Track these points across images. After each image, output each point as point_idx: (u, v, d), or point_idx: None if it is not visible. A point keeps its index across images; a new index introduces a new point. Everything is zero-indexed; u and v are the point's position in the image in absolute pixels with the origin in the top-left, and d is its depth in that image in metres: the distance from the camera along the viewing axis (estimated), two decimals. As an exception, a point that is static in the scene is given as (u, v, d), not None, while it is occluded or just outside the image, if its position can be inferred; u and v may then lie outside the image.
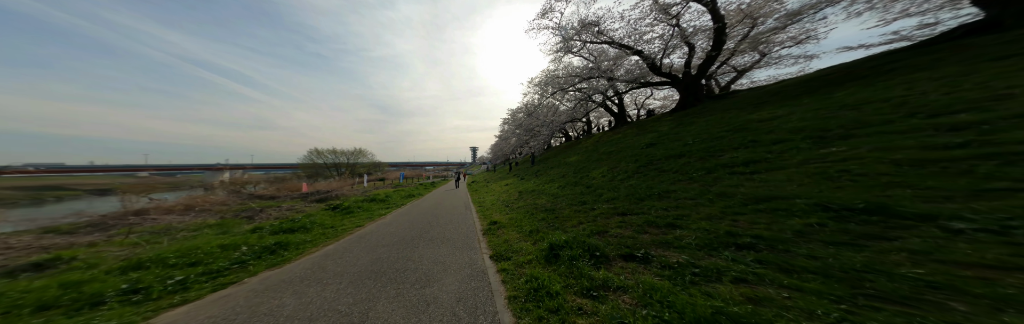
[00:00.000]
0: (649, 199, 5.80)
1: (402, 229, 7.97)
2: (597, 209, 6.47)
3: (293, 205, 13.44)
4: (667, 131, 11.40)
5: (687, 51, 15.23)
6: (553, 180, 14.18)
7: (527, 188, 14.28)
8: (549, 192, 11.28)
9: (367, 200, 14.76)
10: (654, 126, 13.94)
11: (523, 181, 18.50)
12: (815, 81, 9.64)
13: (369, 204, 13.79)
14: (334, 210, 11.29)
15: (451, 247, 5.95)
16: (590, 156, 15.59)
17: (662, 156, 8.41)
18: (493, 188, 18.93)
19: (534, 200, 10.42)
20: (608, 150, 14.00)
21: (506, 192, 15.19)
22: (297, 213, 11.07)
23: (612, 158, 12.08)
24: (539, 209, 8.62)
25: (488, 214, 9.80)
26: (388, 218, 10.13)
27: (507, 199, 12.59)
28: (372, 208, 12.56)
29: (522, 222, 7.50)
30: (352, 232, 7.75)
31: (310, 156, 62.84)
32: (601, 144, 17.77)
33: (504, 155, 44.15)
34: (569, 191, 10.01)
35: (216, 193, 18.31)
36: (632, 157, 10.20)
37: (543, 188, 12.72)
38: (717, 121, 9.50)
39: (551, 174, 16.61)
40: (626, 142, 13.67)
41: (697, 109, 13.04)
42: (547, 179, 15.23)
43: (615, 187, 7.83)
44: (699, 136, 8.54)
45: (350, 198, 15.73)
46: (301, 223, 8.08)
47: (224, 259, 4.82)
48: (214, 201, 13.29)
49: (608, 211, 6.02)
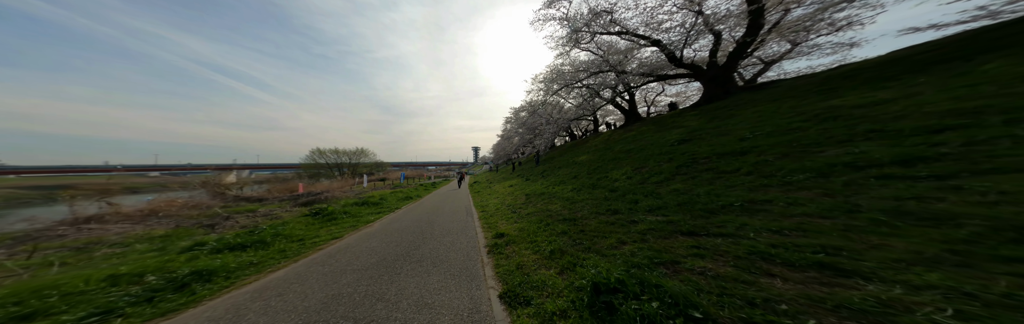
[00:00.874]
0: (725, 212, 4.00)
1: (387, 243, 6.21)
2: (641, 223, 4.69)
3: (273, 209, 11.70)
4: (699, 126, 9.64)
5: (711, 40, 13.47)
6: (564, 181, 12.42)
7: (534, 190, 12.53)
8: (562, 195, 9.51)
9: (358, 203, 13.00)
10: (676, 121, 12.17)
11: (528, 182, 16.74)
12: (894, 65, 7.81)
13: (359, 208, 12.02)
14: (315, 216, 9.53)
15: (445, 274, 4.19)
16: (603, 155, 13.82)
17: (709, 154, 6.63)
18: (496, 189, 17.18)
19: (546, 205, 8.66)
20: (625, 148, 12.23)
21: (511, 194, 13.45)
22: (271, 220, 9.31)
23: (633, 157, 10.31)
24: (555, 217, 6.86)
25: (493, 222, 8.05)
26: (375, 226, 8.37)
27: (513, 203, 10.84)
28: (361, 213, 10.80)
29: (536, 235, 5.75)
30: (322, 247, 5.99)
31: (312, 156, 61.17)
32: (613, 142, 15.99)
33: (506, 155, 42.41)
34: (588, 195, 8.24)
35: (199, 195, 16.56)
36: (662, 155, 8.43)
37: (553, 190, 10.96)
38: (774, 111, 7.70)
39: (560, 174, 14.84)
40: (646, 139, 11.90)
41: (727, 102, 11.27)
42: (556, 180, 13.46)
43: (653, 192, 6.05)
44: (760, 129, 6.72)
45: (340, 201, 13.98)
46: (261, 235, 6.31)
47: (86, 306, 3.05)
48: (184, 205, 11.58)
49: (661, 227, 4.23)
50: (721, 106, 11.18)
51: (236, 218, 9.03)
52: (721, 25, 12.55)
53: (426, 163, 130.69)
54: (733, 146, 6.28)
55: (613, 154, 12.79)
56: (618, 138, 16.65)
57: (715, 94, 12.45)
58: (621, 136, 16.69)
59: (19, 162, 71.88)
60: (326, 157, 61.07)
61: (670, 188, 5.81)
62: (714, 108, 11.29)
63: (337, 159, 60.97)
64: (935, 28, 8.71)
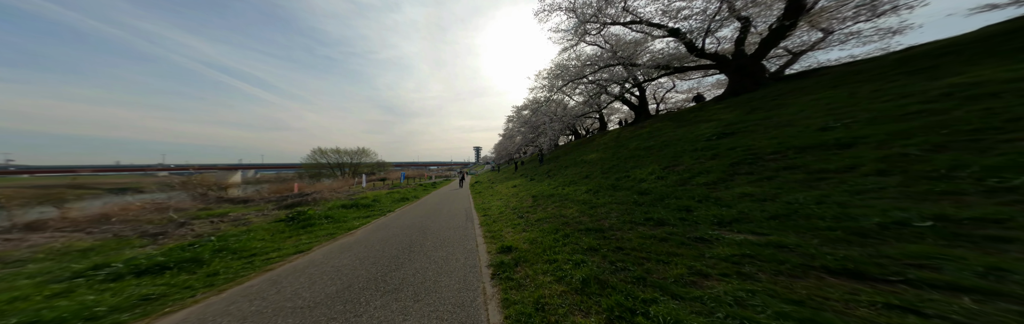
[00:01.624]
0: (899, 235, 2.33)
1: (361, 260, 4.68)
2: (718, 243, 3.13)
3: (249, 213, 10.17)
4: (736, 118, 8.11)
5: (737, 28, 11.96)
6: (574, 182, 10.88)
7: (542, 191, 11.00)
8: (576, 198, 7.99)
9: (346, 205, 11.46)
10: (701, 115, 10.63)
11: (533, 182, 15.21)
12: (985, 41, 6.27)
13: (345, 211, 10.47)
14: (289, 222, 7.99)
15: (428, 317, 2.69)
16: (617, 153, 12.28)
17: (778, 148, 5.06)
18: (499, 190, 15.65)
19: (559, 210, 7.12)
20: (643, 145, 10.69)
21: (516, 196, 11.92)
22: (237, 226, 7.77)
23: (657, 154, 8.77)
24: (574, 226, 5.33)
25: (496, 229, 6.53)
26: (356, 235, 6.83)
27: (518, 206, 9.31)
28: (346, 218, 9.26)
29: (555, 250, 4.26)
30: (273, 267, 4.44)
31: (314, 156, 59.63)
32: (624, 139, 14.45)
33: (508, 154, 40.86)
34: (609, 198, 6.70)
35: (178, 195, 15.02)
36: (699, 151, 6.89)
37: (565, 192, 9.43)
38: (847, 97, 6.13)
39: (568, 174, 13.31)
40: (667, 135, 10.36)
41: (761, 93, 9.75)
42: (565, 180, 11.93)
43: (709, 197, 4.50)
44: (849, 115, 5.10)
45: (328, 203, 12.46)
46: (199, 251, 4.77)
47: None
48: (143, 209, 10.06)
49: (768, 254, 2.66)
50: (754, 98, 9.65)
51: (193, 225, 7.49)
52: (750, 10, 11.03)
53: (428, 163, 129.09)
54: (814, 138, 4.71)
55: (628, 152, 11.25)
56: (629, 135, 15.11)
57: (743, 86, 10.93)
58: (632, 133, 15.15)
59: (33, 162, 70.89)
60: (327, 157, 59.54)
61: (736, 192, 4.24)
62: (745, 100, 9.76)
63: (338, 159, 59.43)
64: (1017, 4, 7.22)
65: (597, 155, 14.15)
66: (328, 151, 59.23)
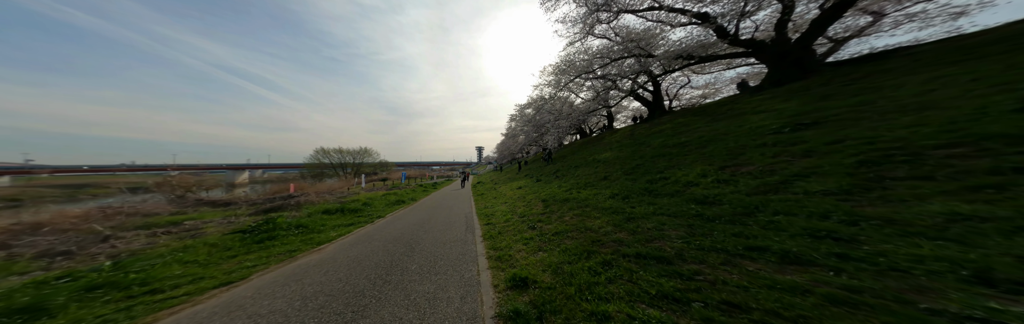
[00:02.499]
0: None
1: (304, 302, 2.96)
2: None
3: (214, 220, 8.47)
4: (800, 108, 6.38)
5: (776, 10, 10.22)
6: (590, 184, 9.15)
7: (553, 194, 9.28)
8: (599, 204, 6.27)
9: (330, 211, 9.74)
10: (743, 107, 8.87)
11: (540, 183, 13.48)
12: None
13: (326, 218, 8.76)
14: (248, 233, 6.27)
15: None
16: (638, 151, 10.55)
17: (948, 139, 3.32)
18: (503, 192, 13.93)
19: (581, 220, 5.38)
20: (675, 142, 8.96)
21: (522, 199, 10.20)
22: (183, 239, 6.04)
23: (701, 152, 7.04)
24: (611, 246, 3.64)
25: (504, 247, 4.83)
26: (323, 253, 5.11)
27: (527, 212, 7.58)
28: (323, 226, 7.55)
29: (599, 293, 2.56)
30: (164, 316, 2.75)
31: (317, 156, 58.02)
32: (642, 136, 12.71)
33: (511, 154, 39.09)
34: (651, 207, 4.98)
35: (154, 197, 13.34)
36: (773, 147, 5.14)
37: (581, 196, 7.71)
38: (1006, 69, 4.42)
39: (579, 175, 11.59)
40: (705, 130, 8.63)
41: (816, 80, 8.04)
42: (577, 181, 10.20)
43: (873, 218, 2.72)
44: None
45: (313, 206, 10.75)
46: (56, 291, 3.06)
47: None
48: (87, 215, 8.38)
49: None
50: (810, 86, 7.93)
51: (125, 238, 5.78)
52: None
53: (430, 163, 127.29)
54: (1003, 124, 2.98)
55: (653, 149, 9.51)
56: (645, 132, 13.36)
57: (787, 74, 9.19)
58: (649, 130, 13.41)
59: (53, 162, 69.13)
60: (330, 157, 57.90)
61: (925, 210, 2.48)
62: (800, 88, 8.02)
63: (341, 159, 57.78)
64: None
65: (611, 154, 12.42)
66: (331, 151, 57.62)
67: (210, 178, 31.58)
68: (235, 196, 14.94)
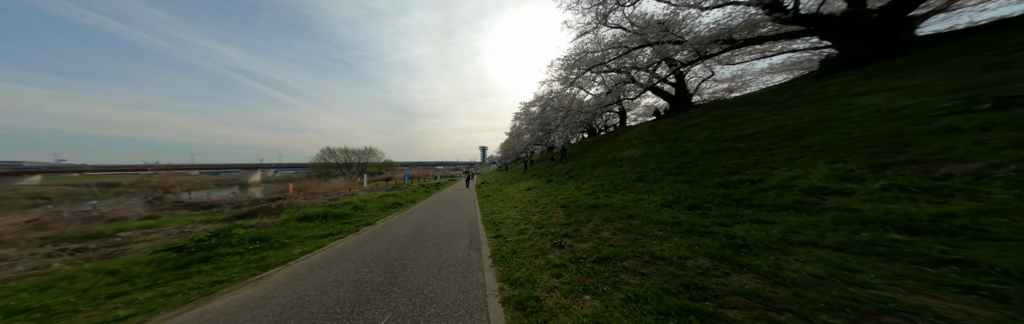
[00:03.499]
0: None
1: None
2: None
3: (166, 229, 6.77)
4: (953, 83, 4.60)
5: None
6: (621, 186, 7.38)
7: (571, 198, 7.51)
8: (651, 215, 4.52)
9: (311, 216, 8.02)
10: (822, 92, 7.02)
11: (552, 184, 11.72)
12: None
13: (301, 227, 7.04)
14: (180, 251, 4.55)
15: None
16: (673, 147, 8.77)
17: None
18: (511, 193, 12.17)
19: (635, 241, 3.60)
20: (734, 134, 7.16)
21: (535, 203, 8.44)
22: (90, 259, 4.33)
23: (790, 146, 5.25)
24: (736, 304, 1.85)
25: (526, 280, 3.07)
26: (264, 286, 3.36)
27: (544, 220, 5.82)
28: (291, 239, 5.82)
29: None
30: None
31: (323, 155, 56.60)
32: (671, 131, 10.91)
33: (515, 153, 37.25)
34: (761, 227, 3.22)
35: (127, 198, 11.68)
36: (961, 134, 3.38)
37: (614, 202, 5.95)
38: None
39: (600, 175, 9.82)
40: (774, 119, 6.83)
41: (916, 58, 6.23)
42: (602, 183, 8.44)
43: None
44: None
45: (295, 211, 9.03)
46: None
47: None
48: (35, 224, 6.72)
49: None
50: (916, 61, 6.13)
51: (9, 260, 4.09)
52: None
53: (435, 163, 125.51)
54: None
55: (698, 145, 7.69)
56: (674, 127, 11.56)
57: (869, 52, 7.31)
58: (677, 124, 11.61)
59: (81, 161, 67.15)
60: (336, 156, 56.46)
61: None
62: (904, 65, 6.20)
63: (346, 159, 56.32)
64: None
65: (636, 151, 10.62)
66: (337, 151, 56.15)
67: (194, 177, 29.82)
68: (220, 198, 13.25)
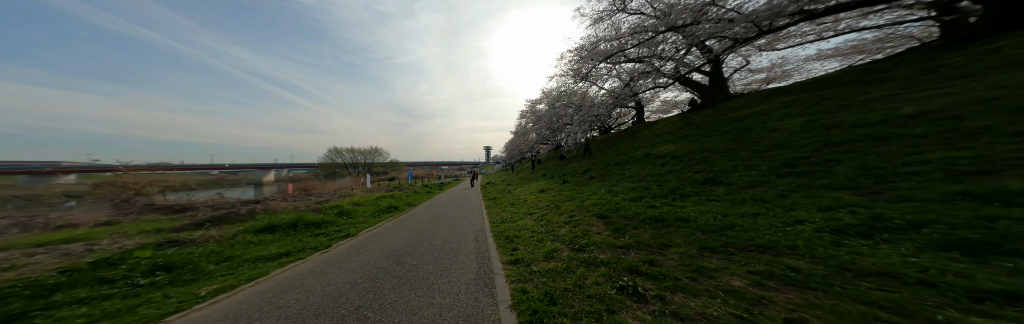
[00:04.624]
0: None
1: None
2: None
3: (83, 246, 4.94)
4: None
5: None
6: (682, 191, 5.43)
7: (610, 205, 5.55)
8: (816, 247, 2.57)
9: (279, 226, 6.15)
10: (953, 71, 5.11)
11: (570, 186, 9.77)
12: None
13: (261, 240, 5.16)
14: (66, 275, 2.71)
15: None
16: (742, 139, 6.84)
17: None
18: (522, 196, 10.24)
19: (817, 305, 1.67)
20: (870, 118, 5.22)
21: (554, 208, 6.50)
22: None
23: None
24: None
25: None
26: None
27: (580, 238, 3.86)
28: (225, 263, 3.95)
29: None
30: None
31: (330, 155, 55.09)
32: (722, 123, 8.92)
33: (521, 153, 35.33)
34: None
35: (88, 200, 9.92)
36: None
37: (695, 214, 4.01)
38: None
39: (634, 175, 7.89)
40: (919, 98, 4.91)
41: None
42: (644, 185, 6.52)
43: None
44: None
45: (268, 216, 7.18)
46: None
47: None
48: None
49: None
50: None
51: None
52: None
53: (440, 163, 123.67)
54: None
55: (801, 135, 5.68)
56: (721, 118, 9.57)
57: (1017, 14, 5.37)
58: (725, 116, 9.62)
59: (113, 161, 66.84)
60: (343, 156, 54.94)
61: None
62: None
63: (353, 158, 54.79)
64: None
65: (679, 146, 8.61)
66: (343, 151, 54.62)
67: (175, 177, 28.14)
68: (202, 199, 11.44)
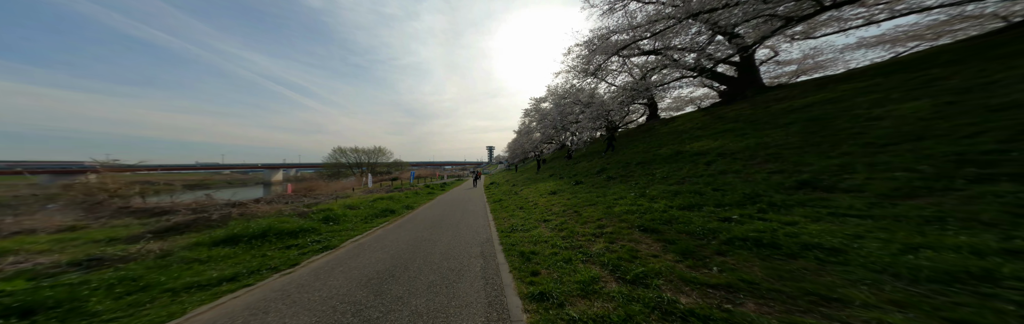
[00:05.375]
0: None
1: None
2: None
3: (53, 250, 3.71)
4: None
5: None
6: (758, 197, 4.13)
7: (651, 214, 4.25)
8: None
9: (240, 237, 4.91)
10: None
11: (585, 187, 8.47)
12: None
13: (218, 254, 3.91)
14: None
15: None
16: (820, 129, 5.55)
17: None
18: (530, 198, 8.96)
19: None
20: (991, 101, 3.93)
21: (575, 215, 5.21)
22: None
23: None
24: None
25: None
26: None
27: (625, 262, 2.53)
28: (134, 295, 2.73)
29: None
30: None
31: (334, 155, 54.06)
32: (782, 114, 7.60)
33: (524, 152, 34.03)
34: None
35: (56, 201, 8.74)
36: None
37: (813, 235, 2.73)
38: None
39: (667, 176, 6.60)
40: None
41: None
42: (699, 189, 5.23)
43: None
44: None
45: (245, 222, 5.96)
46: None
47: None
48: None
49: None
50: None
51: None
52: None
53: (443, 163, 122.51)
54: None
55: (929, 125, 4.43)
56: (765, 112, 8.26)
57: None
58: (768, 109, 8.31)
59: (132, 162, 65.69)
60: (347, 156, 53.91)
61: None
62: None
63: (357, 158, 53.74)
64: None
65: (723, 142, 7.29)
66: (347, 150, 53.55)
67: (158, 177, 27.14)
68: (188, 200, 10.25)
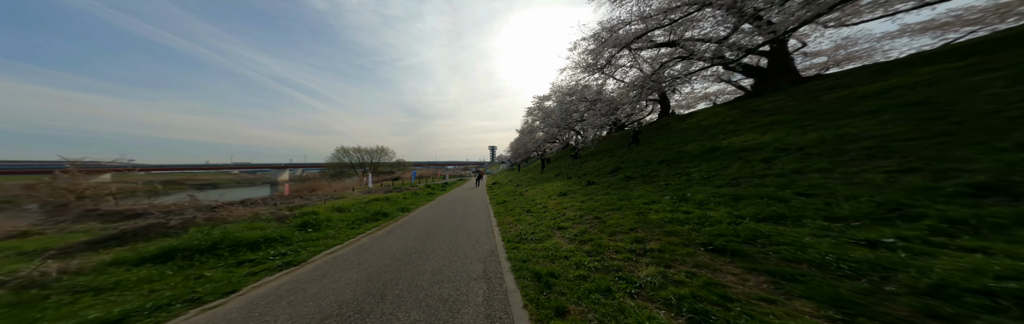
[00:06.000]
0: None
1: None
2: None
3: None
4: None
5: None
6: (906, 208, 3.06)
7: (713, 225, 3.15)
8: None
9: (200, 249, 3.87)
10: None
11: (599, 189, 7.36)
12: None
13: (133, 278, 2.84)
14: None
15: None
16: (945, 114, 4.45)
17: None
18: (537, 200, 7.87)
19: None
20: None
21: (598, 223, 4.09)
22: None
23: None
24: None
25: None
26: None
27: (703, 309, 1.50)
28: None
29: None
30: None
31: (337, 155, 53.13)
32: (850, 102, 6.49)
33: (527, 152, 32.89)
34: None
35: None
36: None
37: None
38: None
39: (710, 176, 5.50)
40: None
41: None
42: (751, 192, 4.18)
43: None
44: None
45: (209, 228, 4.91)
46: None
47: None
48: None
49: None
50: None
51: None
52: None
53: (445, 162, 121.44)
54: None
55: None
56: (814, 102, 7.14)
57: None
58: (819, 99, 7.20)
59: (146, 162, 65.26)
60: (350, 156, 53.00)
61: None
62: None
63: (359, 158, 52.81)
64: None
65: (776, 136, 6.17)
66: (350, 150, 52.62)
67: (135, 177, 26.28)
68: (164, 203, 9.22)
